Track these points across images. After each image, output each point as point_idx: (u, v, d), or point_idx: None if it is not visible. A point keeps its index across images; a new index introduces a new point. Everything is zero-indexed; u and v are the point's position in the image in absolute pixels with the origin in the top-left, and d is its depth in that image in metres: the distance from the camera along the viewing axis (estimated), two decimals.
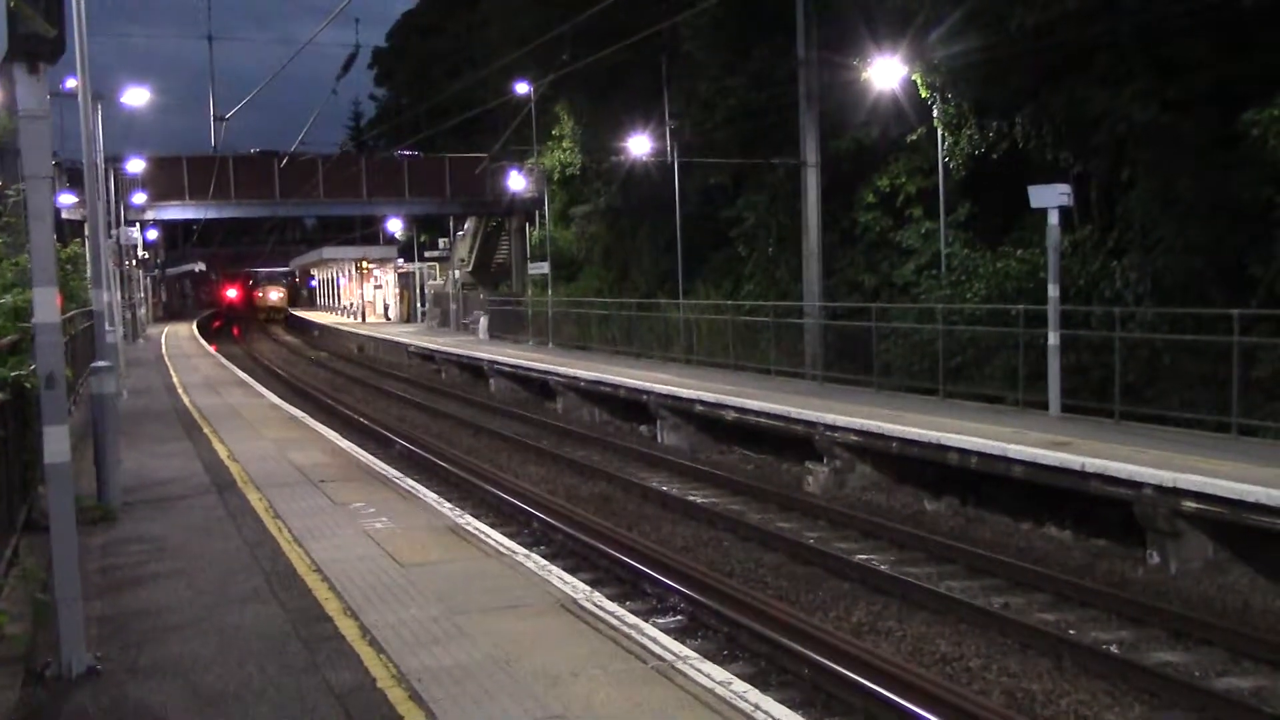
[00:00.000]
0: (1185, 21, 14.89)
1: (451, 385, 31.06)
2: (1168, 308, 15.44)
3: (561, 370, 24.65)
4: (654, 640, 6.48)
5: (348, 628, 6.75)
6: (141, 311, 46.62)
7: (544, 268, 35.94)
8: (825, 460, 15.34)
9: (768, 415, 16.95)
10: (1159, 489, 10.81)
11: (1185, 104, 15.42)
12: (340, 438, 15.87)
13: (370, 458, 13.93)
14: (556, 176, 39.13)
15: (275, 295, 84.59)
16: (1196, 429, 13.49)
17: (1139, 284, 16.12)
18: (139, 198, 39.29)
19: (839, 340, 20.84)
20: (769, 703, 5.58)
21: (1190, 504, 10.59)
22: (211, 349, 39.08)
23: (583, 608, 7.08)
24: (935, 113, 19.24)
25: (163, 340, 42.17)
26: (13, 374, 8.50)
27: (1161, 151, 15.76)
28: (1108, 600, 9.93)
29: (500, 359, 29.01)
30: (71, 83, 20.41)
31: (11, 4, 5.51)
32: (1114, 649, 8.83)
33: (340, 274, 76.76)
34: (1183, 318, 14.94)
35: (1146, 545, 11.12)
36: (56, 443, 6.09)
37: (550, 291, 35.76)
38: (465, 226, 48.21)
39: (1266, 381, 13.59)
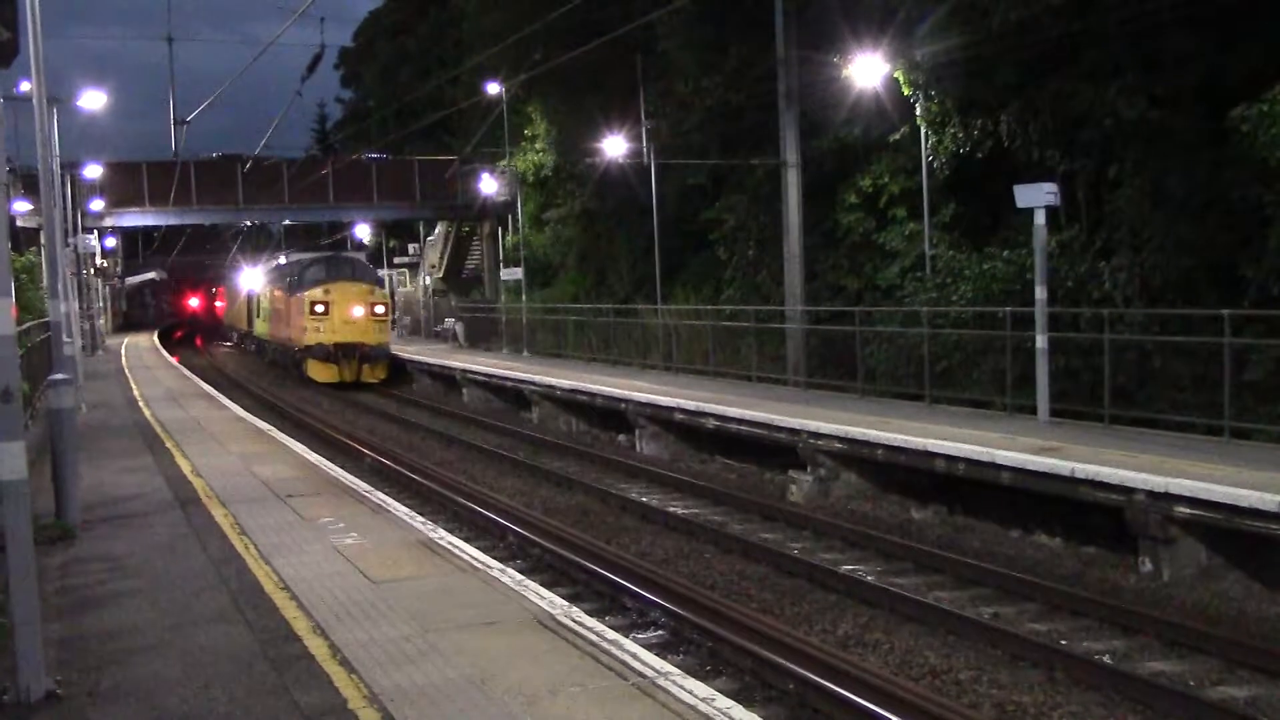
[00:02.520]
0: (1172, 15, 14.79)
1: (423, 395, 30.72)
2: (1158, 309, 15.34)
3: (537, 379, 24.34)
4: (634, 656, 6.41)
5: (317, 647, 6.65)
6: (100, 322, 45.89)
7: (518, 273, 35.53)
8: (809, 469, 15.16)
9: (750, 423, 16.76)
10: (1151, 494, 10.73)
11: (1173, 100, 15.34)
12: (308, 451, 15.62)
13: (340, 471, 13.73)
14: (530, 179, 38.70)
15: (361, 310, 33.38)
16: (1188, 432, 13.42)
17: (1128, 285, 16.01)
18: (97, 204, 38.77)
19: (822, 345, 20.73)
20: (754, 719, 5.56)
21: (1183, 509, 10.51)
22: (173, 360, 38.41)
23: (561, 623, 7.00)
24: (918, 110, 19.02)
25: (123, 352, 41.55)
26: None
27: (1150, 149, 15.69)
28: (1100, 609, 9.87)
29: (473, 368, 28.64)
30: (25, 86, 19.93)
31: None
32: (1107, 659, 8.74)
33: None
34: (1173, 319, 14.87)
35: (1138, 552, 11.04)
36: (11, 459, 6.00)
37: (525, 297, 35.39)
38: (436, 231, 47.71)
39: (1259, 384, 13.49)
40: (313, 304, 32.52)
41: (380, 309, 33.48)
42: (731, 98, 24.84)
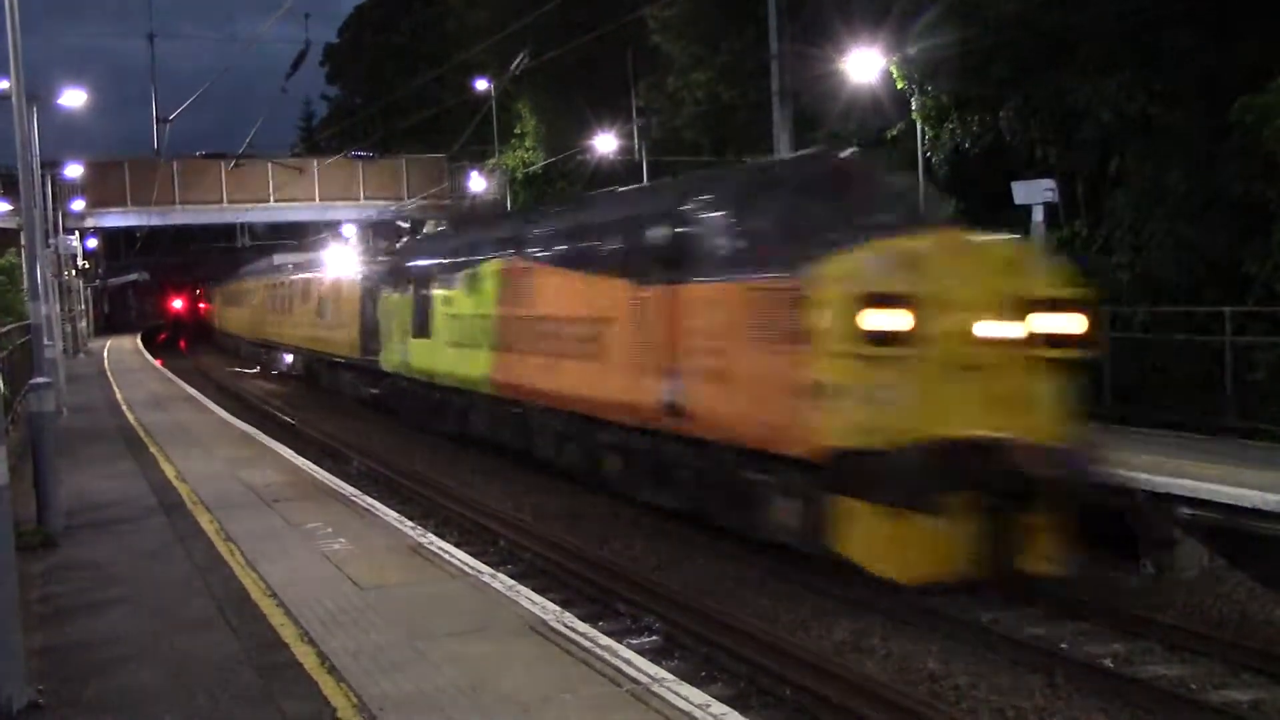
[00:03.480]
0: (1170, 11, 14.74)
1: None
2: (1159, 307, 15.21)
3: None
4: (628, 662, 6.35)
5: (305, 655, 6.58)
6: (82, 325, 45.43)
7: None
8: None
9: None
10: (1152, 495, 10.59)
11: (1173, 95, 15.31)
12: (295, 455, 15.37)
13: (327, 475, 13.53)
14: (519, 176, 38.48)
15: (1020, 330, 9.10)
16: (1190, 432, 13.28)
17: (1129, 283, 15.81)
18: (78, 204, 38.36)
19: None
20: None
21: (1185, 510, 10.38)
22: (157, 363, 38.01)
23: (553, 629, 6.94)
24: (914, 106, 18.82)
25: (105, 354, 41.10)
26: None
27: (1150, 144, 15.67)
28: (1100, 612, 9.70)
29: None
30: (4, 84, 19.57)
31: None
32: (1108, 663, 8.60)
33: None
34: (1174, 317, 14.76)
35: (1140, 554, 10.84)
36: None
37: None
38: (424, 231, 47.39)
39: (1261, 382, 13.43)
40: (872, 302, 8.95)
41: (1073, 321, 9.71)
42: (724, 93, 24.65)
